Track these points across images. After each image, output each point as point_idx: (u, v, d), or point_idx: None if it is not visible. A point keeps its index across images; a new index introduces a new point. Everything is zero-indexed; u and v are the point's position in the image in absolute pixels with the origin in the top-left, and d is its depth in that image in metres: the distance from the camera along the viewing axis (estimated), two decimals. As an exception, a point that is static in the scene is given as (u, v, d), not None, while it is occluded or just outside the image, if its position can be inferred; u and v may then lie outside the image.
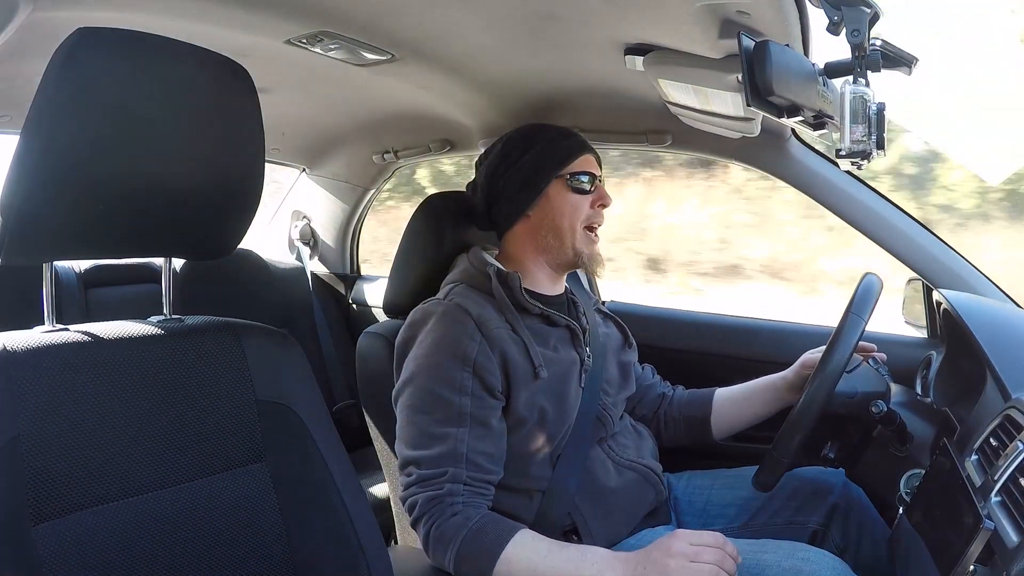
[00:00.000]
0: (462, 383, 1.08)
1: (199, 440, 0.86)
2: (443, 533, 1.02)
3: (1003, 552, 0.77)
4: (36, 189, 0.73)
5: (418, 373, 1.10)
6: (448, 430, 1.07)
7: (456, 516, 1.03)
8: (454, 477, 1.05)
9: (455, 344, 1.09)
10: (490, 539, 1.01)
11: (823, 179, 1.47)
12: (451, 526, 1.02)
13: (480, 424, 1.08)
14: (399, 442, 1.12)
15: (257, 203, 0.91)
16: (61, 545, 0.73)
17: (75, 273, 1.87)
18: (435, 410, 1.08)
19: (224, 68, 0.84)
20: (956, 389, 1.26)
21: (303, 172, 2.45)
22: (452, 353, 1.09)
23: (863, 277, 1.17)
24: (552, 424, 1.14)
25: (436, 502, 1.04)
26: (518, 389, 1.11)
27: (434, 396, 1.08)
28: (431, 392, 1.08)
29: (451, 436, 1.06)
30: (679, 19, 1.00)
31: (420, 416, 1.08)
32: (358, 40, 1.25)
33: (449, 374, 1.08)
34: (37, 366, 0.76)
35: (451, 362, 1.08)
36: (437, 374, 1.09)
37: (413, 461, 1.08)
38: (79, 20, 0.79)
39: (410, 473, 1.08)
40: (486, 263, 1.21)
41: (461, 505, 1.04)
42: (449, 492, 1.04)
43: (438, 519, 1.03)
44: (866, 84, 0.88)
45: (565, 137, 1.25)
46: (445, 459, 1.06)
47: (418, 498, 1.05)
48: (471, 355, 1.09)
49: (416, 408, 1.09)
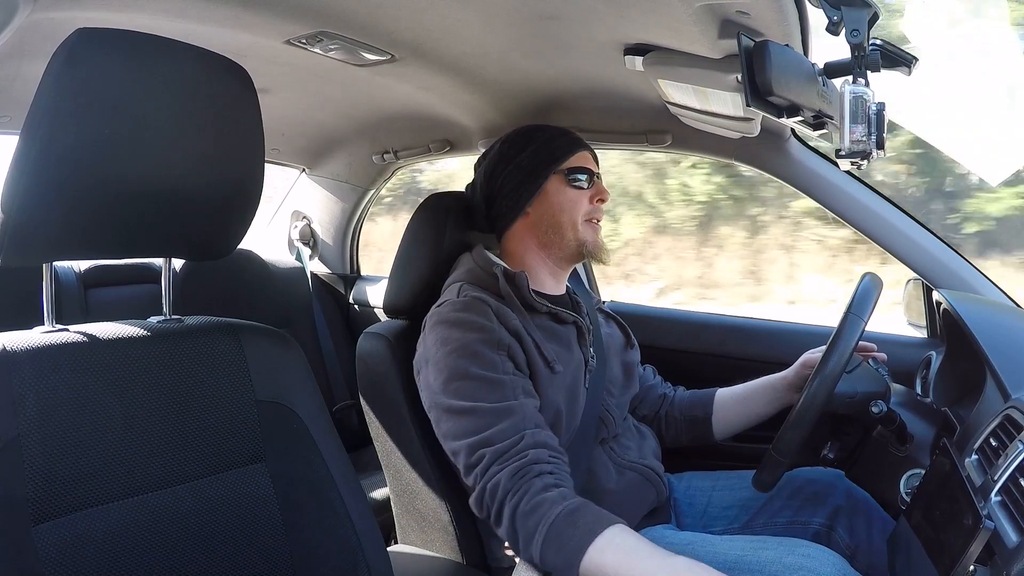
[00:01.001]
0: (504, 365, 1.07)
1: (199, 440, 0.86)
2: (536, 507, 0.94)
3: (1003, 552, 0.77)
4: (36, 189, 0.73)
5: (457, 366, 1.06)
6: (510, 403, 1.03)
7: (551, 491, 0.95)
8: (533, 440, 0.99)
9: (485, 330, 1.08)
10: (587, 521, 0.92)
11: (823, 179, 1.47)
12: (546, 500, 0.94)
13: (531, 396, 1.08)
14: (455, 440, 1.04)
15: (257, 203, 0.91)
16: (61, 545, 0.73)
17: (75, 273, 1.87)
18: (489, 393, 1.04)
19: (224, 68, 0.84)
20: (956, 389, 1.26)
21: (303, 172, 2.45)
22: (484, 339, 1.07)
23: (863, 277, 1.17)
24: (563, 424, 1.14)
25: (522, 473, 0.97)
26: (539, 384, 1.11)
27: (483, 381, 1.05)
28: (479, 378, 1.05)
29: (516, 407, 1.03)
30: (679, 19, 1.00)
31: (475, 404, 1.03)
32: (358, 40, 1.25)
33: (489, 358, 1.06)
34: (37, 366, 0.76)
35: (486, 347, 1.07)
36: (477, 361, 1.06)
37: (483, 443, 1.00)
38: (79, 20, 0.80)
39: (481, 457, 1.00)
40: (492, 263, 1.21)
41: (551, 476, 0.97)
42: (534, 459, 0.98)
43: (527, 491, 0.95)
44: (866, 84, 0.88)
45: (562, 134, 1.26)
46: (517, 427, 1.00)
47: (501, 476, 0.97)
48: (504, 340, 1.08)
49: (467, 397, 1.04)
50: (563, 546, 0.91)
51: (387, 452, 1.29)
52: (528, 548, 0.95)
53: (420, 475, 1.22)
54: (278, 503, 0.89)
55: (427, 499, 1.22)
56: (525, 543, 0.95)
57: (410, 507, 1.28)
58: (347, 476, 0.95)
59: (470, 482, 1.03)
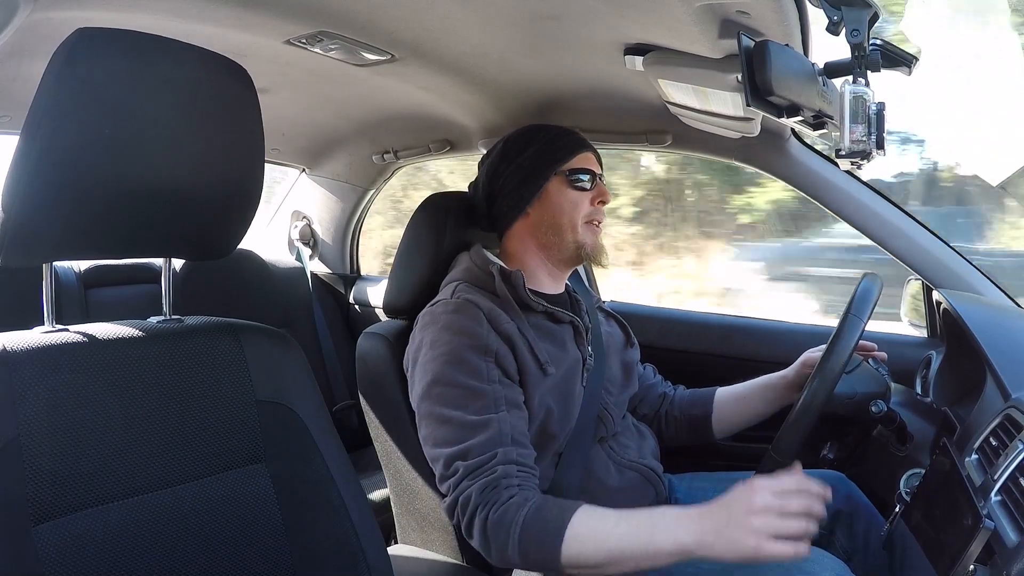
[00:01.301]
0: (489, 373, 1.07)
1: (199, 440, 0.86)
2: (503, 516, 0.97)
3: (1003, 552, 0.77)
4: (36, 189, 0.73)
5: (442, 372, 1.07)
6: (488, 416, 1.04)
7: (514, 498, 0.98)
8: (505, 458, 1.01)
9: (473, 336, 1.08)
10: (553, 514, 0.96)
11: (823, 179, 1.47)
12: (511, 507, 0.97)
13: (515, 406, 1.08)
14: (434, 447, 1.07)
15: (257, 203, 0.91)
16: (61, 545, 0.73)
17: (75, 273, 1.87)
18: (469, 402, 1.05)
19: (224, 68, 0.84)
20: (956, 389, 1.26)
21: (303, 172, 2.45)
22: (472, 345, 1.08)
23: (863, 277, 1.17)
24: (557, 423, 1.14)
25: (491, 487, 0.99)
26: (528, 386, 1.11)
27: (465, 389, 1.05)
28: (461, 386, 1.06)
29: (493, 421, 1.04)
30: (679, 19, 1.00)
31: (454, 412, 1.05)
32: (358, 40, 1.25)
33: (474, 365, 1.07)
34: (37, 366, 0.76)
35: (473, 354, 1.07)
36: (463, 368, 1.06)
37: (458, 455, 1.03)
38: (79, 20, 0.80)
39: (455, 470, 1.03)
40: (489, 261, 1.21)
41: (517, 488, 1.00)
42: (503, 475, 1.00)
43: (495, 503, 0.98)
44: (866, 84, 0.88)
45: (564, 135, 1.26)
46: (492, 443, 1.02)
47: (471, 491, 1.00)
48: (492, 346, 1.08)
49: (449, 405, 1.06)
50: (540, 543, 0.95)
51: (387, 452, 1.29)
52: (504, 555, 0.98)
53: (420, 475, 1.22)
54: (278, 503, 0.89)
55: (427, 499, 1.22)
56: (500, 551, 0.98)
57: (410, 507, 1.28)
58: (347, 476, 0.95)
59: (443, 490, 1.06)
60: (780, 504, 0.84)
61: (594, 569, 0.94)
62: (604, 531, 0.94)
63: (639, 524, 0.93)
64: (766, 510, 0.84)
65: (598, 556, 0.93)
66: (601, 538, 0.93)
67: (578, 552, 0.93)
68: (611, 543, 0.92)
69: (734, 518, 0.85)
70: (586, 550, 0.93)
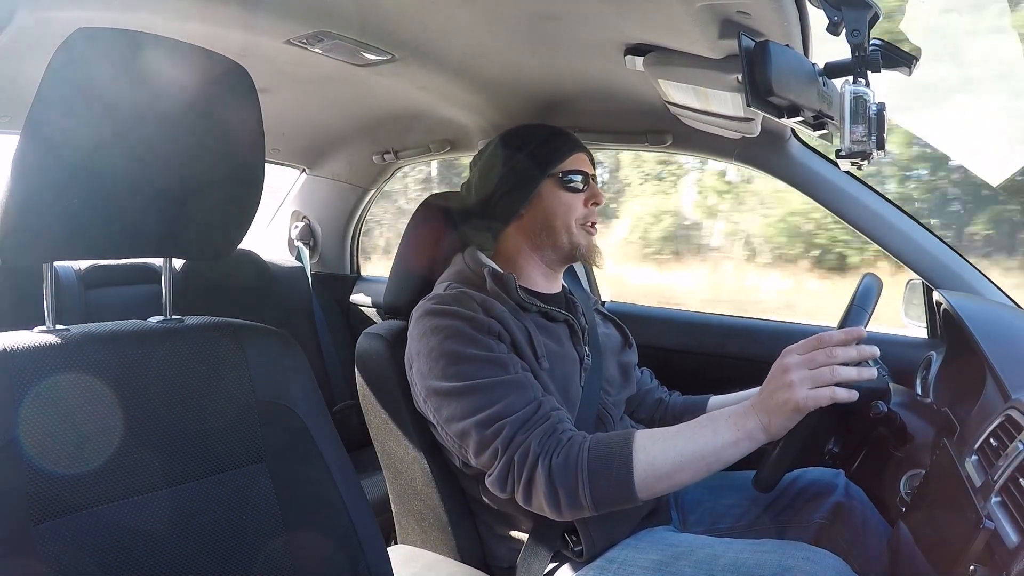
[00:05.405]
0: (498, 347, 1.08)
1: (199, 440, 0.86)
2: (567, 458, 0.98)
3: (1003, 552, 0.77)
4: (36, 189, 0.73)
5: (453, 351, 1.06)
6: (514, 376, 1.05)
7: (572, 438, 1.00)
8: (550, 405, 1.03)
9: (473, 320, 1.08)
10: (613, 439, 0.99)
11: (823, 179, 1.47)
12: (572, 447, 0.98)
13: (530, 371, 1.09)
14: (463, 419, 1.03)
15: (257, 203, 0.91)
16: (61, 545, 0.73)
17: (75, 273, 1.87)
18: (490, 368, 1.05)
19: (224, 68, 0.84)
20: (956, 389, 1.26)
21: (303, 172, 2.45)
22: (475, 326, 1.08)
23: (863, 278, 1.17)
24: None
25: (549, 432, 1.00)
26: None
27: (481, 360, 1.05)
28: (476, 359, 1.05)
29: (522, 379, 1.06)
30: (679, 19, 1.00)
31: (479, 380, 1.03)
32: (358, 40, 1.25)
33: (482, 341, 1.07)
34: (37, 366, 0.76)
35: (478, 333, 1.07)
36: (472, 343, 1.06)
37: (499, 414, 1.01)
38: (79, 20, 0.80)
39: (500, 428, 1.00)
40: (481, 263, 1.21)
41: (571, 431, 1.02)
42: (558, 419, 1.02)
43: (556, 448, 0.99)
44: (866, 84, 0.88)
45: (557, 136, 1.25)
46: (530, 395, 1.03)
47: (530, 441, 0.99)
48: (494, 328, 1.09)
49: (470, 377, 1.04)
50: (608, 468, 0.97)
51: (387, 452, 1.29)
52: (574, 497, 0.97)
53: (420, 475, 1.22)
54: (278, 503, 0.89)
55: (427, 499, 1.22)
56: (569, 495, 0.98)
57: (410, 507, 1.28)
58: (347, 476, 0.95)
59: (486, 459, 1.03)
60: (807, 359, 0.94)
61: (667, 480, 0.97)
62: (668, 439, 0.98)
63: (699, 424, 0.99)
64: (798, 366, 0.93)
65: (667, 464, 0.96)
66: (668, 446, 0.97)
67: (649, 464, 0.96)
68: (679, 447, 0.97)
69: (775, 385, 0.95)
70: (656, 461, 0.96)
